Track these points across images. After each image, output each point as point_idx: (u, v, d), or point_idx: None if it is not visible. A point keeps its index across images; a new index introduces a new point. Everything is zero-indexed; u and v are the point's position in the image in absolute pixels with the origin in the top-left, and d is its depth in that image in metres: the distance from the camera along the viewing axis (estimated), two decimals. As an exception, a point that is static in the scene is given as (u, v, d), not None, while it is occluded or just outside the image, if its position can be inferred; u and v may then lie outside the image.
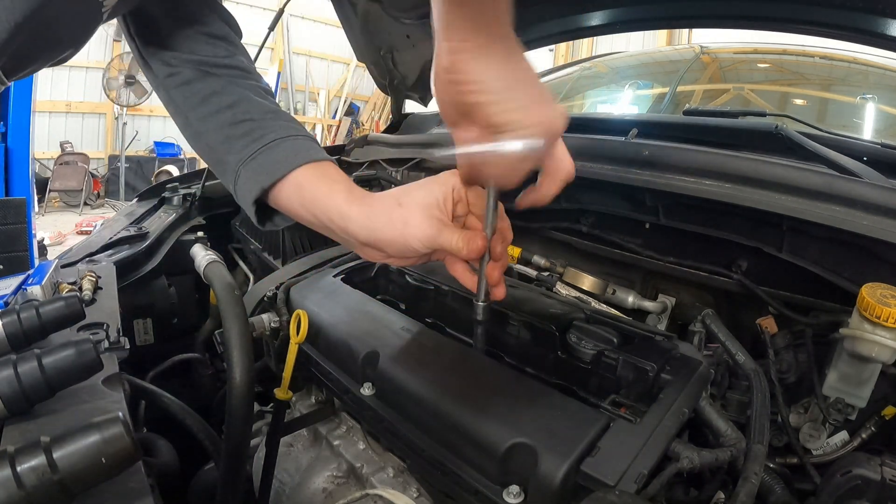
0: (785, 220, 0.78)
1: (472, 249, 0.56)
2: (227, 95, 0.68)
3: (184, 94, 0.69)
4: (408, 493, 0.67)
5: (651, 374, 0.64)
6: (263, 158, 0.65)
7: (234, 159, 0.66)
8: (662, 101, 1.70)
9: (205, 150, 0.71)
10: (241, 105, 0.68)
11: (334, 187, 0.63)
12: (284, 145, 0.66)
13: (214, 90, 0.68)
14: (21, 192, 3.11)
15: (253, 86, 0.71)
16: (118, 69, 6.51)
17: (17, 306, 0.51)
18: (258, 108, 0.69)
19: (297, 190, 0.64)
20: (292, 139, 0.66)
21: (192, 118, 0.69)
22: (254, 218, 0.68)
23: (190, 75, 0.68)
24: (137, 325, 1.15)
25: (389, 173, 1.40)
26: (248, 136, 0.66)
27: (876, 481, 0.56)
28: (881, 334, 0.63)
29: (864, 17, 0.93)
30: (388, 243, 0.59)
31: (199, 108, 0.68)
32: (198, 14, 0.70)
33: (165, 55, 0.69)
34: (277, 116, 0.69)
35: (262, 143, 0.65)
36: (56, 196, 7.05)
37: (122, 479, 0.37)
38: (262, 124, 0.67)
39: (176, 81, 0.69)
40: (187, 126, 0.70)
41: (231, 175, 0.67)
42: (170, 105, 0.71)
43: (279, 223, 0.71)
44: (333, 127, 9.51)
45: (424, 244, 0.57)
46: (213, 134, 0.68)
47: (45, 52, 0.59)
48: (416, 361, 0.68)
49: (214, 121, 0.67)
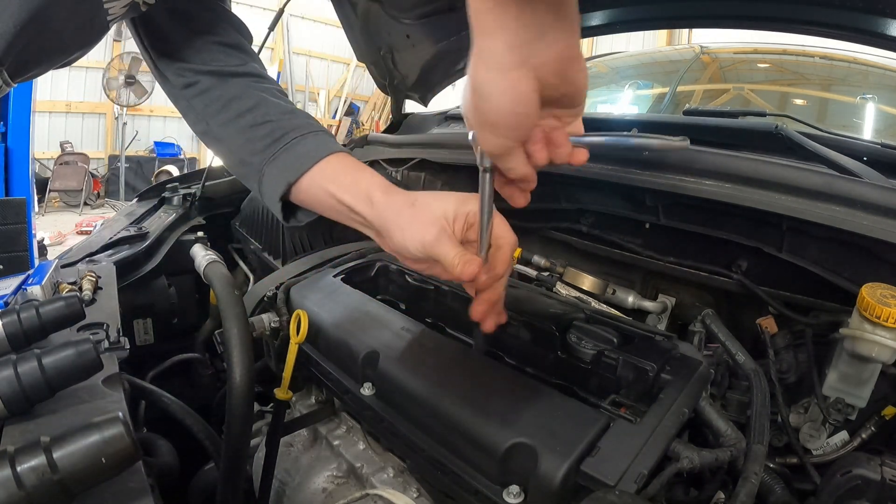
0: (785, 220, 0.78)
1: (465, 271, 0.55)
2: (246, 100, 0.70)
3: (204, 101, 0.71)
4: (408, 493, 0.67)
5: (651, 374, 0.64)
6: (286, 156, 0.67)
7: (258, 160, 0.68)
8: (662, 101, 1.70)
9: (226, 154, 0.73)
10: (261, 108, 0.70)
11: (359, 175, 0.65)
12: (306, 141, 0.68)
13: (234, 95, 0.70)
14: (21, 192, 3.12)
15: (269, 88, 0.73)
16: (118, 69, 6.51)
17: (17, 306, 0.51)
18: (276, 109, 0.71)
19: (322, 181, 0.65)
20: (313, 135, 0.69)
21: (213, 124, 0.71)
22: (279, 214, 0.70)
23: (209, 83, 0.70)
24: (137, 325, 1.15)
25: (389, 173, 1.40)
26: (270, 136, 0.68)
27: (876, 481, 0.56)
28: (881, 334, 0.63)
29: (864, 17, 0.93)
30: (390, 237, 0.60)
31: (220, 114, 0.70)
32: (209, 24, 0.72)
33: (181, 66, 0.71)
34: (295, 115, 0.71)
35: (283, 141, 0.68)
36: (56, 196, 7.05)
37: (122, 479, 0.37)
38: (281, 124, 0.69)
39: (196, 91, 0.71)
40: (208, 132, 0.72)
41: (255, 175, 0.69)
42: (189, 112, 0.73)
43: (302, 219, 0.73)
44: (333, 127, 9.49)
45: (419, 248, 0.57)
46: (235, 137, 0.70)
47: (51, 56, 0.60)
48: (416, 361, 0.68)
49: (235, 125, 0.70)
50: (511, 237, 0.60)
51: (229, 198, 1.52)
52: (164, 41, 0.71)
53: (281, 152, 0.67)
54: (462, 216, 0.59)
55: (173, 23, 0.70)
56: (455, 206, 0.59)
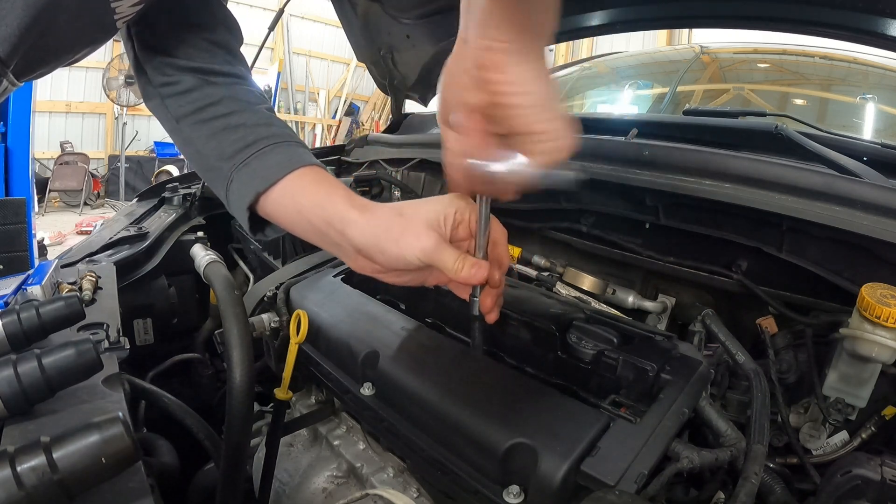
0: (785, 220, 0.78)
1: (475, 275, 0.54)
2: (223, 104, 0.67)
3: (178, 101, 0.67)
4: (408, 493, 0.67)
5: (651, 374, 0.64)
6: (257, 164, 0.63)
7: (227, 165, 0.64)
8: (662, 101, 1.70)
9: (194, 156, 0.69)
10: (236, 113, 0.67)
11: (333, 191, 0.61)
12: (278, 150, 0.64)
13: (212, 100, 0.67)
14: (21, 192, 3.11)
15: (249, 91, 0.70)
16: (118, 69, 6.50)
17: (17, 306, 0.52)
18: (253, 116, 0.67)
19: (293, 195, 0.62)
20: (286, 144, 0.65)
21: (184, 124, 0.67)
22: (246, 224, 0.66)
23: (189, 84, 0.67)
24: (137, 325, 1.15)
25: (389, 173, 1.40)
26: (241, 141, 0.64)
27: (876, 481, 0.56)
28: (881, 334, 0.63)
29: (864, 17, 0.93)
30: (382, 252, 0.57)
31: (193, 115, 0.67)
32: (200, 18, 0.70)
33: (163, 60, 0.68)
34: (272, 125, 0.68)
35: (255, 148, 0.64)
36: (56, 196, 7.06)
37: (122, 479, 0.37)
38: (255, 130, 0.65)
39: (174, 90, 0.67)
40: (177, 131, 0.69)
41: (223, 181, 0.65)
42: (159, 109, 0.69)
43: (269, 234, 0.69)
44: (333, 127, 9.51)
45: (420, 257, 0.55)
46: (205, 140, 0.66)
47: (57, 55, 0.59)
48: (416, 361, 0.68)
49: (207, 127, 0.66)
50: (502, 229, 0.60)
51: (229, 198, 1.52)
52: (150, 31, 0.68)
53: (252, 159, 0.63)
54: (450, 217, 0.58)
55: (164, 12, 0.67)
56: (443, 208, 0.58)
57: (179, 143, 0.70)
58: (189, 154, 0.70)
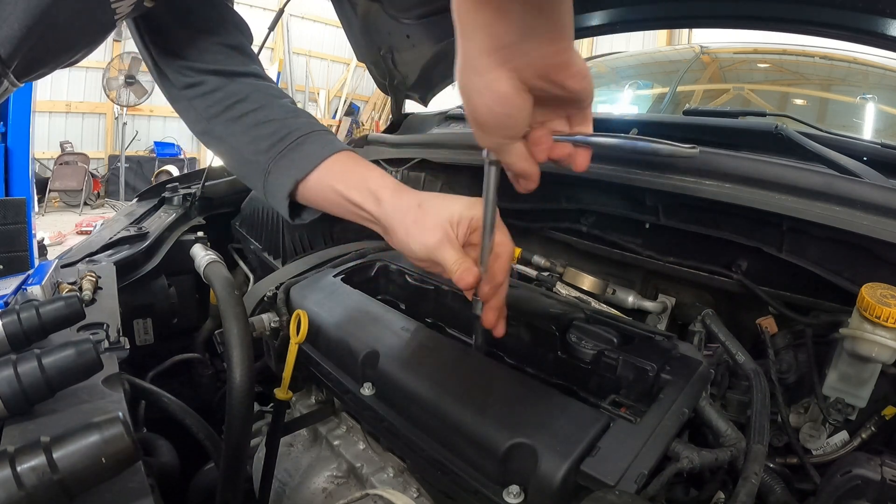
0: (785, 220, 0.78)
1: (462, 279, 0.56)
2: (251, 100, 0.71)
3: (207, 102, 0.71)
4: (408, 493, 0.67)
5: (651, 374, 0.64)
6: (294, 154, 0.68)
7: (264, 158, 0.69)
8: (662, 101, 1.70)
9: (228, 153, 0.73)
10: (265, 108, 0.71)
11: (367, 173, 0.66)
12: (311, 140, 0.69)
13: (239, 96, 0.71)
14: (21, 192, 3.11)
15: (270, 87, 0.74)
16: (118, 69, 6.51)
17: (17, 306, 0.52)
18: (280, 109, 0.71)
19: (330, 178, 0.66)
20: (316, 134, 0.70)
21: (215, 123, 0.71)
22: (286, 212, 0.70)
23: (214, 84, 0.71)
24: (137, 325, 1.15)
25: (389, 173, 1.40)
26: (276, 135, 0.69)
27: (876, 481, 0.56)
28: (881, 334, 0.63)
29: (864, 17, 0.93)
30: (394, 235, 0.61)
31: (224, 113, 0.70)
32: (212, 23, 0.72)
33: (183, 64, 0.71)
34: (298, 115, 0.72)
35: (290, 139, 0.68)
36: (56, 196, 7.05)
37: (122, 479, 0.37)
38: (286, 123, 0.70)
39: (198, 91, 0.71)
40: (208, 131, 0.72)
41: (260, 174, 0.70)
42: (188, 112, 0.73)
43: (306, 217, 0.73)
44: (333, 127, 9.49)
45: (421, 251, 0.58)
46: (239, 137, 0.70)
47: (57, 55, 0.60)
48: (416, 361, 0.68)
49: (240, 124, 0.70)
50: (510, 245, 0.60)
51: (229, 198, 1.52)
52: (165, 38, 0.71)
53: (287, 150, 0.68)
54: (466, 221, 0.59)
55: (176, 20, 0.70)
56: (460, 210, 0.59)
57: (211, 141, 0.74)
58: (222, 150, 0.74)
